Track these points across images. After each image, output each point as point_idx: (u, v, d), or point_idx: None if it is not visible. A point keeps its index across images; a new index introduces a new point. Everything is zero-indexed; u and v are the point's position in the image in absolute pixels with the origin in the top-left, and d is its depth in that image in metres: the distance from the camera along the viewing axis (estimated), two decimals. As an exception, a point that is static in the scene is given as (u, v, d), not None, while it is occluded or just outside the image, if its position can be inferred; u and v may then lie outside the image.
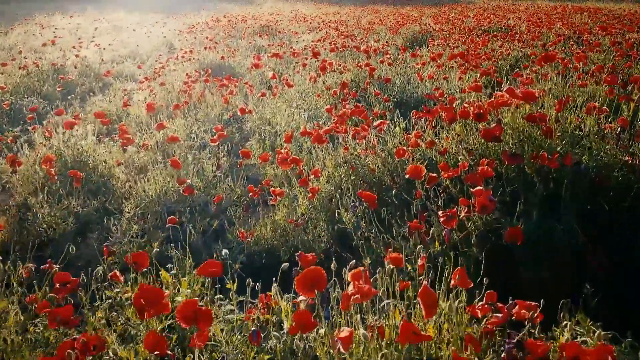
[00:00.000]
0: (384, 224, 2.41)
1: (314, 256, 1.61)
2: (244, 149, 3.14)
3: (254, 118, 4.54)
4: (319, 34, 11.11)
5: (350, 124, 3.50)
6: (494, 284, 1.55)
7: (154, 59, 8.85)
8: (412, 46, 9.74)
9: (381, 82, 4.99)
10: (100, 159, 3.53)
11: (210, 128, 4.43)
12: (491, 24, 10.85)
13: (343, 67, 5.87)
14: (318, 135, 2.82)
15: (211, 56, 7.35)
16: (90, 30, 13.77)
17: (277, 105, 4.55)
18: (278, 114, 4.44)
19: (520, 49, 6.31)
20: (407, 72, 5.46)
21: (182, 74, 6.66)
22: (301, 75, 5.89)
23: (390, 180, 2.83)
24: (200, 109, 4.68)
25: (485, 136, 2.19)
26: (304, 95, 4.92)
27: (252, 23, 13.96)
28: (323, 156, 3.13)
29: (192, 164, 3.37)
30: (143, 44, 11.17)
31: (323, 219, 2.76)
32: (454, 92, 4.60)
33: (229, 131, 4.62)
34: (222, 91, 5.19)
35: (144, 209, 2.91)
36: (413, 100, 4.69)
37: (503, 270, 2.06)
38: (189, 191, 2.72)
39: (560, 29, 8.08)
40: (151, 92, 5.19)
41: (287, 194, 2.92)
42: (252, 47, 10.11)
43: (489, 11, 18.71)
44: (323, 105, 4.82)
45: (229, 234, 2.67)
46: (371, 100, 4.68)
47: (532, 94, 2.09)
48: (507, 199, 2.18)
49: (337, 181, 2.94)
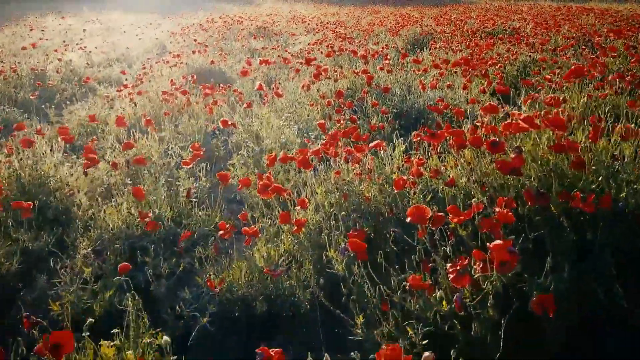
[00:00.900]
0: (381, 268, 2.02)
1: (281, 355, 1.22)
2: (222, 172, 2.74)
3: (239, 131, 4.14)
4: (316, 36, 10.72)
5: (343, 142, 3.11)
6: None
7: (145, 63, 8.46)
8: (413, 49, 9.35)
9: (379, 91, 4.59)
10: (63, 181, 3.14)
11: (193, 141, 4.04)
12: (495, 25, 10.45)
13: (339, 74, 5.47)
14: (304, 160, 2.43)
15: (200, 60, 6.95)
16: (81, 32, 13.39)
17: (265, 117, 4.16)
18: (266, 127, 4.05)
19: (529, 54, 5.91)
20: (407, 79, 5.06)
21: (168, 80, 6.27)
22: (295, 82, 5.50)
23: (389, 211, 2.43)
24: (181, 122, 4.28)
25: (502, 169, 1.79)
26: (295, 104, 4.53)
27: (247, 24, 13.57)
28: (312, 179, 2.74)
29: (164, 187, 2.97)
30: (134, 46, 10.78)
31: (310, 259, 2.36)
32: (460, 102, 4.20)
33: (213, 145, 4.23)
34: (208, 100, 4.80)
35: (104, 244, 2.52)
36: (414, 111, 4.29)
37: (527, 340, 1.67)
38: (153, 226, 2.32)
39: (569, 32, 7.68)
40: (131, 100, 4.80)
41: (270, 224, 2.53)
42: (247, 49, 9.71)
43: (492, 12, 18.31)
44: (316, 115, 4.43)
45: (198, 277, 2.27)
46: (368, 111, 4.29)
47: (562, 123, 1.69)
48: (530, 246, 1.78)
49: (327, 211, 2.55)
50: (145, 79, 5.81)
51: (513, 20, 12.05)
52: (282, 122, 4.07)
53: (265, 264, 2.29)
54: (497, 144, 1.81)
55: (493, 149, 1.81)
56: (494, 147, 1.81)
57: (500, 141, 1.81)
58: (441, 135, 2.09)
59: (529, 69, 5.75)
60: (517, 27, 9.82)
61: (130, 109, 4.70)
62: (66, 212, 2.89)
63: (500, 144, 1.81)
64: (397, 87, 4.84)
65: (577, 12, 14.71)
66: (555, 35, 7.56)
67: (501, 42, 7.14)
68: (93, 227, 2.66)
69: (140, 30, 13.32)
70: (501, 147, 1.81)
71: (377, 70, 5.09)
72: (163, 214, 2.65)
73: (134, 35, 12.28)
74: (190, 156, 2.90)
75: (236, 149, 4.19)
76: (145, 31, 13.21)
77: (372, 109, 4.20)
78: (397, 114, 4.34)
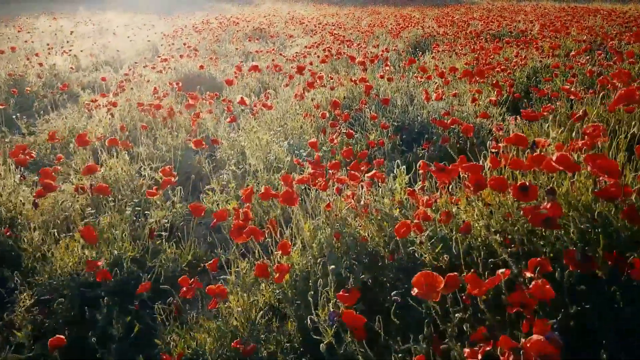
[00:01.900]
0: (379, 338, 1.63)
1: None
2: (195, 204, 2.35)
3: (224, 147, 3.75)
4: (314, 39, 10.31)
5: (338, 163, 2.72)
6: None
7: (132, 67, 8.05)
8: (415, 52, 8.96)
9: (379, 101, 4.19)
10: (17, 210, 2.74)
11: (172, 158, 3.65)
12: (500, 27, 10.04)
13: (337, 81, 5.07)
14: (288, 195, 2.03)
15: (189, 65, 6.55)
16: (75, 34, 12.99)
17: (253, 131, 3.76)
18: (252, 143, 3.65)
19: (540, 59, 5.50)
20: (409, 88, 4.66)
21: (154, 86, 5.87)
22: (289, 89, 5.11)
23: (389, 255, 2.03)
24: (160, 136, 3.88)
25: (534, 220, 1.40)
26: (287, 116, 4.13)
27: (244, 25, 13.16)
28: (298, 211, 2.34)
29: (131, 217, 2.58)
30: (125, 49, 10.38)
31: (294, 314, 1.97)
32: (468, 115, 3.80)
33: (196, 161, 3.84)
34: (193, 110, 4.40)
35: (50, 293, 2.12)
36: (417, 125, 3.89)
37: None
38: (103, 276, 1.92)
39: (580, 35, 7.28)
40: (109, 111, 4.40)
41: (248, 269, 2.14)
42: (241, 52, 9.31)
43: (494, 12, 17.90)
44: (309, 128, 4.03)
45: (158, 339, 1.88)
46: (367, 124, 3.89)
47: (614, 169, 1.29)
48: (571, 324, 1.38)
49: (316, 254, 2.15)
50: (127, 86, 5.41)
51: (519, 21, 11.64)
52: (271, 137, 3.67)
53: (241, 322, 1.89)
54: (528, 189, 1.41)
55: (522, 195, 1.41)
56: (524, 194, 1.41)
57: (532, 186, 1.41)
58: (453, 171, 1.69)
59: (539, 75, 5.35)
60: (524, 29, 9.40)
61: (106, 121, 4.30)
62: (14, 249, 2.49)
63: (532, 190, 1.41)
64: (399, 97, 4.44)
65: (583, 13, 14.30)
66: (564, 38, 7.16)
67: (508, 46, 6.73)
68: (42, 270, 2.26)
69: (133, 32, 12.92)
70: (533, 193, 1.41)
71: (376, 77, 4.68)
72: (123, 255, 2.25)
73: (126, 37, 11.89)
74: (154, 189, 2.50)
75: (221, 166, 3.80)
76: (139, 33, 12.81)
77: (370, 122, 3.80)
78: (398, 127, 3.94)
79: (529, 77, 5.49)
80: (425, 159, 3.48)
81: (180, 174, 3.73)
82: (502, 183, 1.48)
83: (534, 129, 4.04)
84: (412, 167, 3.48)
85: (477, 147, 3.46)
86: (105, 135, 4.13)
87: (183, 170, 3.82)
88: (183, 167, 3.80)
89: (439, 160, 3.58)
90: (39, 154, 4.15)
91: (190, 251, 2.55)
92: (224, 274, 2.15)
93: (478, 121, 3.60)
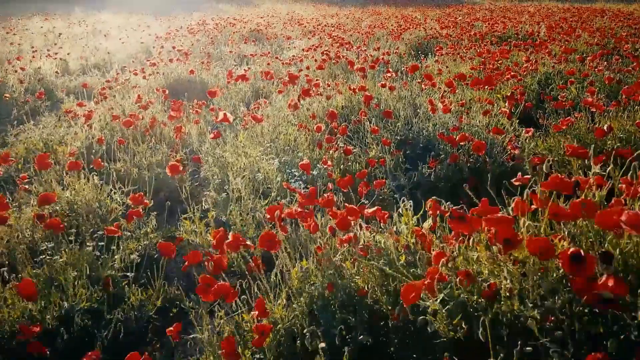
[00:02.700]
0: None
1: None
2: (165, 244, 1.98)
3: (209, 163, 3.39)
4: (312, 41, 9.95)
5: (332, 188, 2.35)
6: None
7: (124, 70, 7.68)
8: (417, 54, 8.60)
9: (380, 112, 3.83)
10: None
11: (151, 177, 3.29)
12: (506, 29, 9.67)
13: (335, 88, 4.71)
14: (268, 238, 1.67)
15: (179, 69, 6.18)
16: (65, 36, 12.62)
17: (241, 146, 3.40)
18: (241, 159, 3.29)
19: (552, 64, 5.14)
20: (413, 96, 4.29)
21: (142, 92, 5.51)
22: (283, 97, 4.74)
23: (392, 314, 1.67)
24: (138, 152, 3.51)
25: (591, 300, 1.04)
26: (279, 128, 3.76)
27: (240, 27, 12.80)
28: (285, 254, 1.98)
29: (91, 256, 2.22)
30: (117, 51, 10.01)
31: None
32: (478, 129, 3.43)
33: (177, 179, 3.47)
34: (178, 121, 4.04)
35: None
36: (422, 139, 3.52)
37: None
38: (36, 350, 1.55)
39: (592, 38, 6.92)
40: (86, 122, 4.03)
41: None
42: (237, 55, 8.95)
43: (497, 13, 17.54)
44: (304, 142, 3.67)
45: None
46: (367, 139, 3.53)
47: None
48: None
49: (305, 308, 1.79)
50: (110, 93, 5.05)
51: (524, 23, 11.26)
52: (261, 154, 3.31)
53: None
54: (583, 260, 1.04)
55: (576, 268, 1.05)
56: (578, 266, 1.04)
57: (588, 256, 1.04)
58: (474, 223, 1.33)
59: (552, 82, 4.98)
60: (530, 32, 9.03)
61: (82, 134, 3.94)
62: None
63: (588, 262, 1.04)
64: (401, 107, 4.08)
65: (589, 14, 13.92)
66: (575, 41, 6.79)
67: (517, 49, 6.36)
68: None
69: (126, 34, 12.56)
70: (590, 266, 1.05)
71: (377, 84, 4.32)
72: (76, 307, 1.89)
73: (118, 39, 11.53)
74: (115, 228, 2.13)
75: (206, 185, 3.44)
76: (133, 34, 12.44)
77: (371, 136, 3.44)
78: (402, 141, 3.58)
79: (540, 83, 5.13)
80: (432, 178, 3.11)
81: (160, 195, 3.38)
82: (545, 248, 1.12)
83: (549, 142, 3.68)
84: (418, 193, 3.14)
85: (489, 165, 3.09)
86: (80, 149, 3.77)
87: (164, 189, 3.47)
88: (163, 186, 3.45)
89: (447, 181, 3.22)
90: (7, 170, 3.79)
91: (161, 295, 2.18)
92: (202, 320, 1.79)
93: (490, 136, 3.23)
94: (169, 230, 2.84)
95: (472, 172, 3.12)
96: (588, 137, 3.42)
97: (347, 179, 2.23)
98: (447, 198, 3.16)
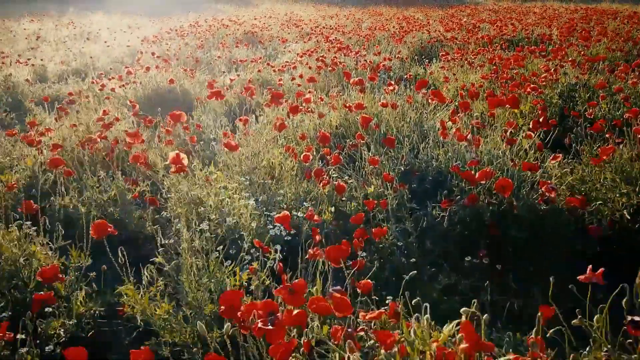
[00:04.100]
0: None
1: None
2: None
3: (173, 201, 2.79)
4: (308, 44, 9.35)
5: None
6: None
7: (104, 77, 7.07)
8: (420, 59, 8.01)
9: (380, 135, 3.24)
10: None
11: (103, 216, 2.69)
12: (516, 32, 9.06)
13: (329, 103, 4.12)
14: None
15: (159, 78, 5.59)
16: (50, 38, 12.05)
17: (212, 181, 2.80)
18: (211, 196, 2.70)
19: (577, 74, 4.53)
20: (419, 114, 3.69)
21: (112, 105, 4.93)
22: (272, 110, 4.15)
23: None
24: (87, 187, 2.92)
25: None
26: (261, 155, 3.16)
27: (235, 29, 12.20)
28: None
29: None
30: (101, 56, 9.43)
31: None
32: (499, 159, 2.82)
33: (136, 217, 2.89)
34: (144, 145, 3.46)
35: None
36: (432, 171, 2.92)
37: None
38: None
39: (612, 42, 6.31)
40: (37, 143, 3.43)
41: None
42: (227, 60, 8.36)
43: (501, 14, 16.93)
44: (289, 171, 3.07)
45: None
46: (364, 170, 2.93)
47: None
48: None
49: None
50: (69, 109, 4.44)
51: (534, 25, 10.65)
52: (234, 190, 2.71)
53: None
54: None
55: None
56: None
57: None
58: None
59: (576, 95, 4.38)
60: (543, 35, 8.42)
61: (30, 161, 3.35)
62: None
63: None
64: (405, 127, 3.48)
65: (599, 16, 13.30)
66: (595, 46, 6.19)
67: (534, 56, 5.75)
68: None
69: (115, 36, 11.98)
70: None
71: (376, 102, 3.72)
72: None
73: (110, 40, 10.95)
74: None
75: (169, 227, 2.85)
76: (121, 36, 11.86)
77: (370, 168, 2.84)
78: (407, 171, 2.98)
79: (561, 95, 4.53)
80: (445, 224, 2.51)
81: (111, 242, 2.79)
82: None
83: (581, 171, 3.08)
84: (428, 240, 2.54)
85: (517, 209, 2.49)
86: (22, 180, 3.18)
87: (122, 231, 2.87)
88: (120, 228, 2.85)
89: (463, 226, 2.62)
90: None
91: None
92: None
93: (517, 170, 2.62)
94: (114, 292, 2.24)
95: (494, 216, 2.53)
96: (633, 168, 2.83)
97: (337, 249, 1.64)
98: (462, 248, 2.59)
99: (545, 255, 2.52)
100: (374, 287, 1.80)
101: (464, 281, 2.33)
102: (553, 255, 2.53)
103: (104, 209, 2.81)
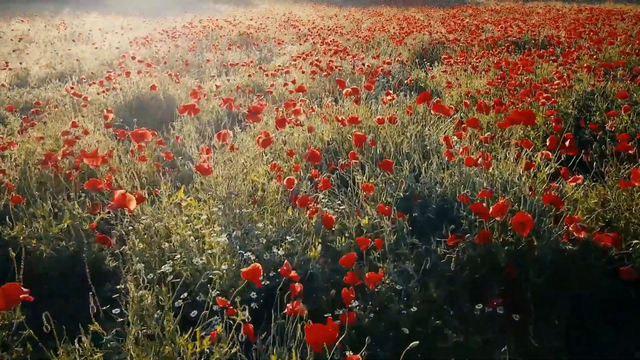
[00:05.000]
0: None
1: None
2: None
3: (133, 236, 2.40)
4: (304, 47, 8.96)
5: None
6: None
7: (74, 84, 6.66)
8: (422, 62, 7.62)
9: (376, 154, 2.85)
10: None
11: (53, 253, 2.31)
12: (521, 33, 8.67)
13: (321, 114, 3.74)
14: None
15: (141, 83, 5.20)
16: (39, 39, 11.66)
17: (183, 208, 2.42)
18: (179, 228, 2.31)
19: (592, 81, 4.14)
20: (420, 128, 3.30)
21: (87, 115, 4.55)
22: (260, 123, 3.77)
23: None
24: (38, 217, 2.53)
25: None
26: (237, 179, 2.77)
27: (229, 30, 11.81)
28: None
29: None
30: (89, 58, 9.05)
31: None
32: (514, 186, 2.43)
33: (96, 251, 2.50)
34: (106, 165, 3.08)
35: None
36: (436, 198, 2.53)
37: None
38: None
39: (627, 45, 5.91)
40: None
41: None
42: (219, 63, 7.98)
43: (504, 14, 16.53)
44: (273, 196, 2.69)
45: None
46: (357, 197, 2.54)
47: None
48: None
49: None
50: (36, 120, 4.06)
51: (541, 26, 10.25)
52: (205, 223, 2.32)
53: None
54: None
55: None
56: None
57: None
58: None
59: (593, 105, 3.99)
60: (550, 37, 8.02)
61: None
62: None
63: None
64: (405, 143, 3.10)
65: (605, 16, 12.89)
66: (608, 49, 5.80)
67: (542, 60, 5.36)
68: None
69: (106, 37, 11.59)
70: None
71: (373, 115, 3.34)
72: None
73: (100, 42, 10.56)
74: None
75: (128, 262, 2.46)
76: (112, 38, 11.48)
77: (364, 195, 2.46)
78: (407, 198, 2.59)
79: (575, 105, 4.14)
80: (452, 266, 2.12)
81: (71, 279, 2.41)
82: None
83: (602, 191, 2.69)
84: (431, 284, 2.15)
85: (537, 250, 2.10)
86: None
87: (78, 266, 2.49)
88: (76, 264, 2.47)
89: (473, 268, 2.23)
90: None
91: None
92: None
93: (535, 201, 2.23)
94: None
95: (510, 255, 2.14)
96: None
97: (319, 331, 1.25)
98: (472, 294, 2.19)
99: (570, 301, 2.14)
100: (367, 343, 1.47)
101: (475, 338, 1.94)
102: (579, 302, 2.15)
103: (56, 243, 2.42)
